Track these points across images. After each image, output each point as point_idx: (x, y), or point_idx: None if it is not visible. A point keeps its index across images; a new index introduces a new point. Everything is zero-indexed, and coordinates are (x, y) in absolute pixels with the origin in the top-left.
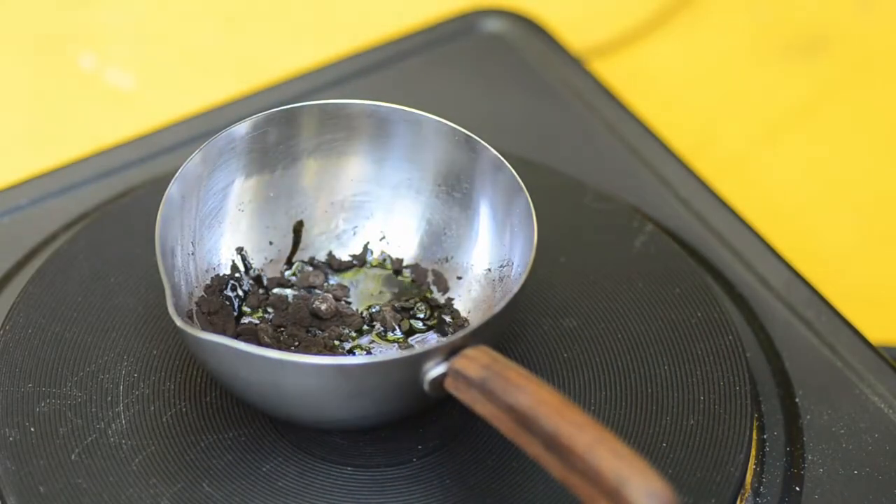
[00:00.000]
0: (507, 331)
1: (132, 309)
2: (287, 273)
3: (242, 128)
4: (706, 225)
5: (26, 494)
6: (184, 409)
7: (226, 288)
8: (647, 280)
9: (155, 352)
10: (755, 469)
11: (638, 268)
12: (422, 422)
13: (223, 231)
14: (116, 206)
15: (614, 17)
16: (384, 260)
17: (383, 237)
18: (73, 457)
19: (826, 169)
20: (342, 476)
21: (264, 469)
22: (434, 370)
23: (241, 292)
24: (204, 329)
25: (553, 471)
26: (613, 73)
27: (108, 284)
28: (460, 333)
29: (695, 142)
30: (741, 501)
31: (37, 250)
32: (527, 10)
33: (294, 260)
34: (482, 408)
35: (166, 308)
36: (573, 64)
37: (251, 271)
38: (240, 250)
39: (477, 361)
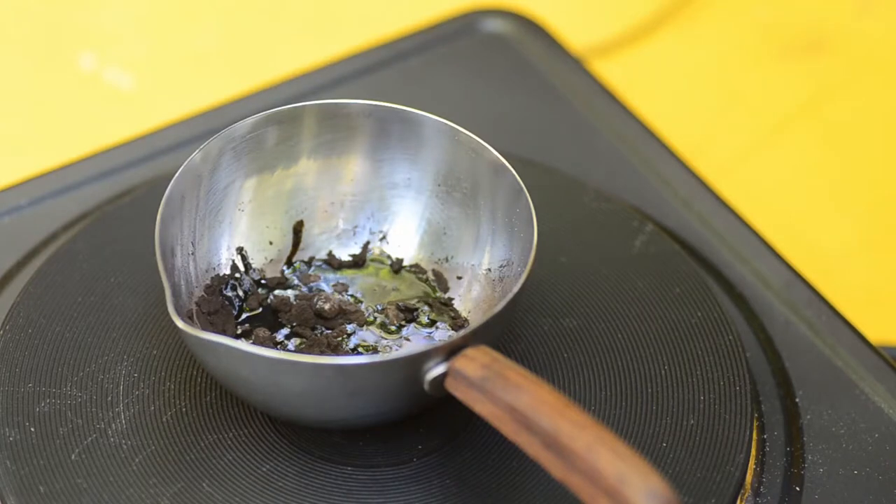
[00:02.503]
0: (507, 331)
1: (132, 309)
2: (287, 272)
3: (242, 127)
4: (706, 225)
5: (26, 494)
6: (184, 409)
7: (226, 288)
8: (647, 280)
9: (155, 352)
10: (755, 469)
11: (638, 268)
12: (422, 422)
13: (223, 231)
14: (116, 206)
15: (614, 17)
16: (384, 259)
17: (383, 237)
18: (73, 457)
19: (826, 169)
20: (342, 476)
21: (264, 469)
22: (434, 370)
23: (241, 292)
24: (204, 329)
25: (553, 470)
26: (613, 73)
27: (108, 284)
28: (460, 333)
29: (695, 142)
30: (741, 501)
31: (37, 250)
32: (527, 10)
33: (294, 260)
34: (482, 407)
35: (166, 308)
36: (573, 64)
37: (251, 271)
38: (240, 250)
39: (477, 361)
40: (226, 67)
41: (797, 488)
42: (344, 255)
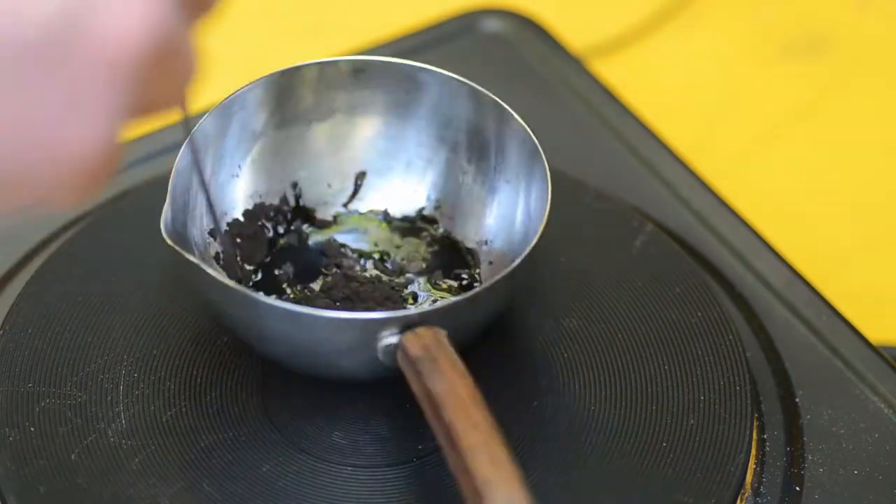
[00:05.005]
0: (481, 323)
1: (132, 309)
2: (340, 212)
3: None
4: (706, 225)
5: (26, 494)
6: (184, 409)
7: (267, 218)
8: (647, 280)
9: (155, 352)
10: (755, 469)
11: (638, 268)
12: (422, 422)
13: (278, 161)
14: (116, 206)
15: (614, 17)
16: (433, 231)
17: (438, 206)
18: (73, 457)
19: (826, 169)
20: (342, 476)
21: (264, 469)
22: (387, 339)
23: (280, 229)
24: (226, 249)
25: (449, 462)
26: (613, 73)
27: (109, 284)
28: (415, 310)
29: (695, 142)
30: (741, 501)
31: (37, 250)
32: (527, 10)
33: (350, 208)
34: (414, 386)
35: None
36: (573, 64)
37: (300, 207)
38: (294, 185)
39: (421, 340)
40: (226, 67)
41: (797, 488)
42: (398, 213)
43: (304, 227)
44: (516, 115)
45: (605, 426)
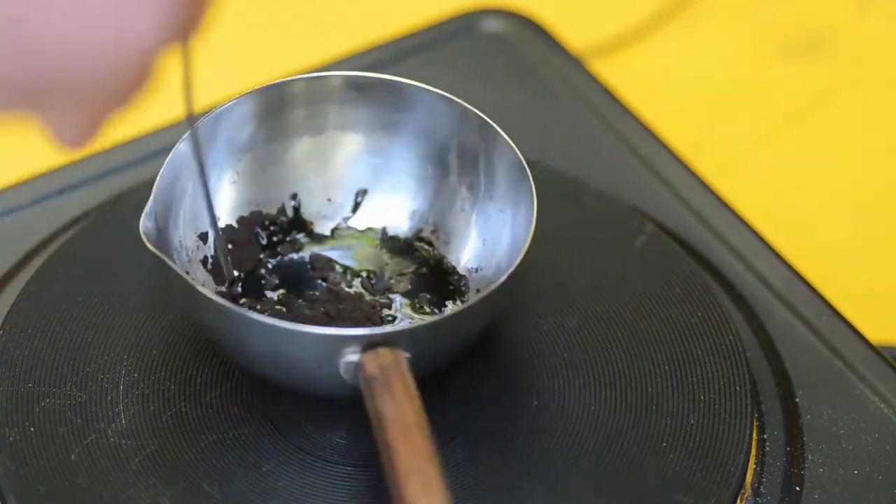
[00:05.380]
0: (448, 350)
1: (132, 309)
2: (339, 224)
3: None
4: (706, 225)
5: (26, 494)
6: (184, 409)
7: (263, 227)
8: (647, 280)
9: (155, 352)
10: (755, 469)
11: (638, 268)
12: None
13: (280, 173)
14: (116, 207)
15: (614, 17)
16: (427, 253)
17: (435, 231)
18: (73, 457)
19: (826, 169)
20: (342, 476)
21: (264, 469)
22: (348, 357)
23: (275, 238)
24: (218, 256)
25: (390, 487)
26: (613, 73)
27: (108, 284)
28: (379, 330)
29: (695, 142)
30: (741, 501)
31: (37, 250)
32: (527, 10)
33: (349, 224)
34: (368, 405)
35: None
36: (573, 64)
37: (298, 219)
38: (294, 196)
39: (380, 361)
40: (225, 68)
41: (797, 488)
42: (396, 232)
43: (301, 237)
44: (503, 134)
45: (605, 426)
